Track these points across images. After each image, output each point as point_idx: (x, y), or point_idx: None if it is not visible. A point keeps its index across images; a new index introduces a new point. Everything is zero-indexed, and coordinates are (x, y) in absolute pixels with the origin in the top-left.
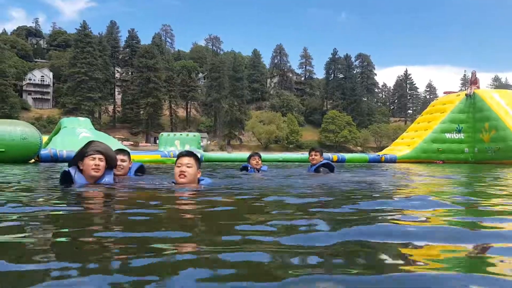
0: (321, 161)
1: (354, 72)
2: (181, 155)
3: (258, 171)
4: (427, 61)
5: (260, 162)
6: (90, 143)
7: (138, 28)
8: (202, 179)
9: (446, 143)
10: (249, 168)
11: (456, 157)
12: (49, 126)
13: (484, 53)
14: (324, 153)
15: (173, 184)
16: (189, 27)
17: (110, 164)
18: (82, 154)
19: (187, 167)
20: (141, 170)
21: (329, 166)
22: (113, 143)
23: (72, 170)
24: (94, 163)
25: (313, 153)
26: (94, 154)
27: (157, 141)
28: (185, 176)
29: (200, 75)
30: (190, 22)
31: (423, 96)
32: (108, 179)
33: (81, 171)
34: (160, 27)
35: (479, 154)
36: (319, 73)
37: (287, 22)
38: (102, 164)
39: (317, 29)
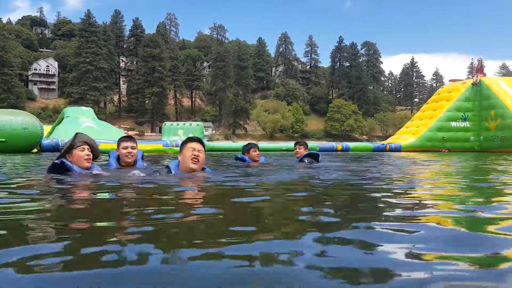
0: (305, 153)
1: (360, 60)
2: (193, 140)
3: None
4: (434, 49)
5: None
6: (76, 135)
7: (142, 17)
8: (205, 168)
9: (451, 132)
10: (246, 160)
11: (461, 146)
12: (54, 116)
13: (491, 41)
14: (329, 142)
15: (175, 172)
16: (194, 16)
17: (94, 155)
18: (70, 146)
19: (199, 152)
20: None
21: (313, 156)
22: (115, 132)
23: (68, 162)
24: (85, 153)
25: (297, 146)
26: (83, 145)
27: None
28: (198, 161)
29: (205, 64)
30: (194, 10)
31: (430, 84)
32: (95, 169)
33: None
34: (165, 16)
35: (484, 143)
36: (325, 62)
37: (292, 10)
38: (91, 154)
39: (323, 17)
